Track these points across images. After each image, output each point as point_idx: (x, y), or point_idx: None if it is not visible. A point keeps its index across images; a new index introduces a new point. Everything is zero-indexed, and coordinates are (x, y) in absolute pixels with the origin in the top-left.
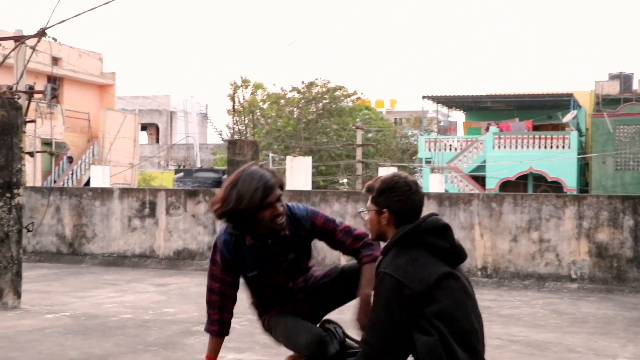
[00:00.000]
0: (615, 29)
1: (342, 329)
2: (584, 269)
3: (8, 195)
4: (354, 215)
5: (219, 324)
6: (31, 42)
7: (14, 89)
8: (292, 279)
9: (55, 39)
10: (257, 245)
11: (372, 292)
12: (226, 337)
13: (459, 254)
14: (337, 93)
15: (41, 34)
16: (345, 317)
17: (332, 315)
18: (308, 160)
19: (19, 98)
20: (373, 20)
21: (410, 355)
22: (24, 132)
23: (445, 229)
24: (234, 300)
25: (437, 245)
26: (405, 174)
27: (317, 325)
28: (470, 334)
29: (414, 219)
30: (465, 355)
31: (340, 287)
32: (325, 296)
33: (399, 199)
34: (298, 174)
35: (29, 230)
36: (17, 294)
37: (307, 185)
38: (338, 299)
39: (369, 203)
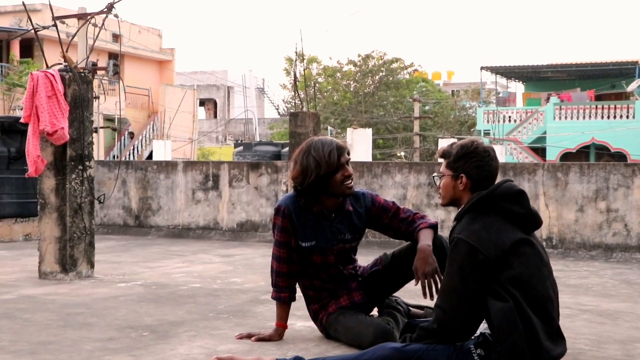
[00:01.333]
0: None
1: (403, 301)
2: None
3: (80, 167)
4: (416, 186)
5: (289, 290)
6: (96, 19)
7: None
8: (343, 263)
9: (117, 16)
10: (323, 213)
11: (431, 245)
12: (292, 305)
13: (534, 220)
14: (394, 65)
15: (109, 10)
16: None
17: None
18: (368, 132)
19: (88, 72)
20: None
21: (484, 321)
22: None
23: (521, 195)
24: (298, 265)
25: (512, 211)
26: (482, 140)
27: (377, 311)
28: (545, 301)
29: (489, 186)
30: (540, 322)
31: (394, 271)
32: (378, 283)
33: (477, 164)
34: (358, 146)
35: (100, 202)
36: (91, 264)
37: (367, 157)
38: (393, 284)
39: (443, 168)
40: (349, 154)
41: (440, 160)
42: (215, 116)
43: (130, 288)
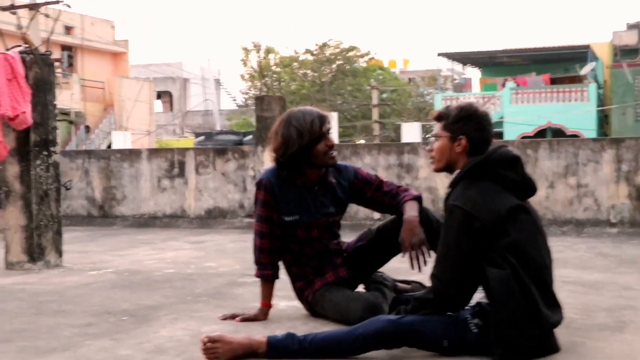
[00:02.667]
0: None
1: (389, 276)
2: (624, 213)
3: (45, 153)
4: (386, 167)
5: (272, 267)
6: (44, 10)
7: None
8: (327, 238)
9: (69, 6)
10: (306, 185)
11: (418, 216)
12: (275, 286)
13: (529, 187)
14: (351, 54)
15: (57, 0)
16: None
17: None
18: (334, 115)
19: (50, 54)
20: None
21: (479, 290)
22: None
23: (516, 161)
24: (281, 241)
25: (507, 178)
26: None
27: (363, 287)
28: (541, 269)
29: (485, 151)
30: (537, 290)
31: (379, 246)
32: (364, 258)
33: (477, 127)
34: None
35: (67, 188)
36: (59, 252)
37: (335, 140)
38: (378, 259)
39: (439, 130)
40: (329, 123)
41: (435, 123)
42: (172, 109)
43: (102, 275)
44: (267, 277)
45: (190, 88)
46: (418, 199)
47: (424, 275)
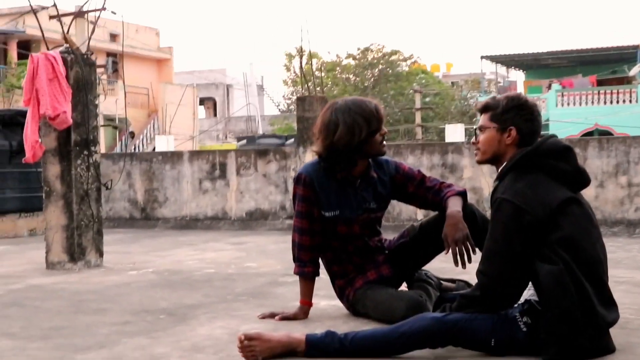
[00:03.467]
0: None
1: (433, 275)
2: None
3: (86, 152)
4: (429, 167)
5: (312, 264)
6: (90, 18)
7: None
8: (368, 234)
9: (114, 12)
10: (347, 180)
11: (461, 211)
12: (314, 285)
13: (582, 178)
14: (393, 58)
15: (102, 7)
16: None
17: None
18: None
19: (92, 54)
20: None
21: (529, 287)
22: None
23: (568, 151)
24: (321, 238)
25: (558, 168)
26: None
27: (406, 286)
28: (596, 264)
29: (534, 142)
30: (592, 287)
31: (422, 243)
32: (407, 256)
33: (528, 117)
34: None
35: (107, 188)
36: (99, 252)
37: None
38: (422, 257)
39: (486, 121)
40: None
41: (480, 114)
42: (215, 114)
43: (142, 275)
44: (307, 275)
45: (234, 94)
46: (462, 194)
47: (469, 274)
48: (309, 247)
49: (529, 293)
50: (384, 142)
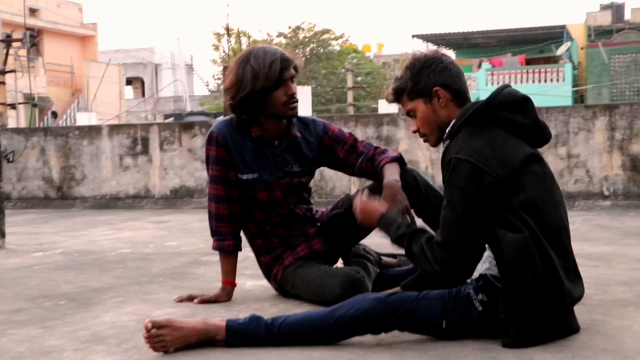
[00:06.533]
0: None
1: (372, 249)
2: (617, 185)
3: None
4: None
5: (232, 237)
6: None
7: None
8: (293, 202)
9: None
10: (264, 139)
11: (399, 180)
12: (239, 265)
13: (542, 133)
14: (325, 37)
15: None
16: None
17: None
18: (307, 90)
19: None
20: None
21: (482, 260)
22: (4, 83)
23: (525, 103)
24: (240, 206)
25: (516, 122)
26: None
27: (342, 262)
28: (560, 231)
29: (466, 92)
30: (558, 257)
31: None
32: (341, 229)
33: (441, 68)
34: (299, 104)
35: (9, 161)
36: (0, 233)
37: (308, 113)
38: (358, 229)
39: (408, 103)
40: (296, 69)
41: (397, 102)
42: (144, 95)
43: (48, 257)
44: (227, 249)
45: (163, 74)
46: (399, 159)
47: None
48: (227, 217)
49: (483, 267)
50: (292, 104)
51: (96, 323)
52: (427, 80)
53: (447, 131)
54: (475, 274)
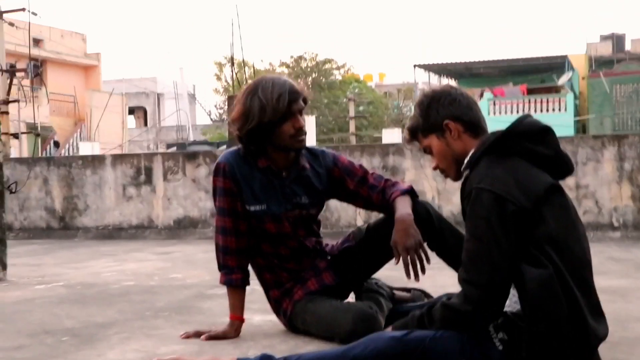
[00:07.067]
0: None
1: (385, 283)
2: (627, 216)
3: None
4: (369, 169)
5: (240, 271)
6: (9, 19)
7: None
8: (303, 235)
9: (35, 14)
10: (272, 170)
11: (412, 214)
12: (247, 299)
13: (564, 164)
14: (327, 66)
15: (22, 9)
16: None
17: None
18: (312, 119)
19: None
20: None
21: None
22: (7, 112)
23: (547, 133)
24: (248, 240)
25: (538, 153)
26: None
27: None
28: (583, 266)
29: (482, 125)
30: (581, 294)
31: (370, 248)
32: (353, 262)
33: (450, 101)
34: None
35: (12, 192)
36: (2, 265)
37: (311, 143)
38: (370, 263)
39: (423, 140)
40: (305, 101)
41: (415, 141)
42: (146, 124)
43: (50, 290)
44: (236, 283)
45: (165, 103)
46: (410, 192)
47: (426, 281)
48: (235, 251)
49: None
50: (299, 137)
51: None
52: (436, 115)
53: (465, 161)
54: None
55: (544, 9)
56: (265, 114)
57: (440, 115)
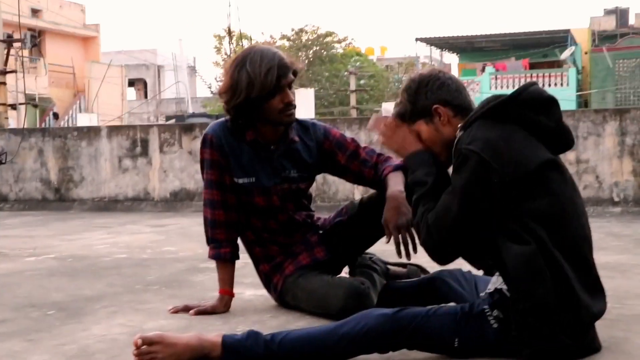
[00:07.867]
0: None
1: (379, 258)
2: (628, 191)
3: None
4: (367, 144)
5: (230, 244)
6: None
7: None
8: (292, 209)
9: None
10: (259, 143)
11: (404, 191)
12: (238, 273)
13: (565, 138)
14: (328, 39)
15: None
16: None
17: None
18: (310, 92)
19: None
20: None
21: (497, 274)
22: (4, 83)
23: (551, 104)
24: (237, 212)
25: (539, 123)
26: None
27: (348, 272)
28: (580, 242)
29: (471, 105)
30: (574, 270)
31: (363, 223)
32: (345, 237)
33: (438, 86)
34: (301, 106)
35: (2, 162)
36: None
37: (311, 116)
38: (363, 238)
39: (412, 126)
40: (295, 74)
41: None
42: (146, 96)
43: (41, 262)
44: (225, 257)
45: (165, 75)
46: (403, 168)
47: (421, 257)
48: (224, 223)
49: (498, 281)
50: (288, 111)
51: (85, 336)
52: (424, 100)
53: (461, 124)
54: (491, 287)
55: None
56: (253, 89)
57: (429, 100)
